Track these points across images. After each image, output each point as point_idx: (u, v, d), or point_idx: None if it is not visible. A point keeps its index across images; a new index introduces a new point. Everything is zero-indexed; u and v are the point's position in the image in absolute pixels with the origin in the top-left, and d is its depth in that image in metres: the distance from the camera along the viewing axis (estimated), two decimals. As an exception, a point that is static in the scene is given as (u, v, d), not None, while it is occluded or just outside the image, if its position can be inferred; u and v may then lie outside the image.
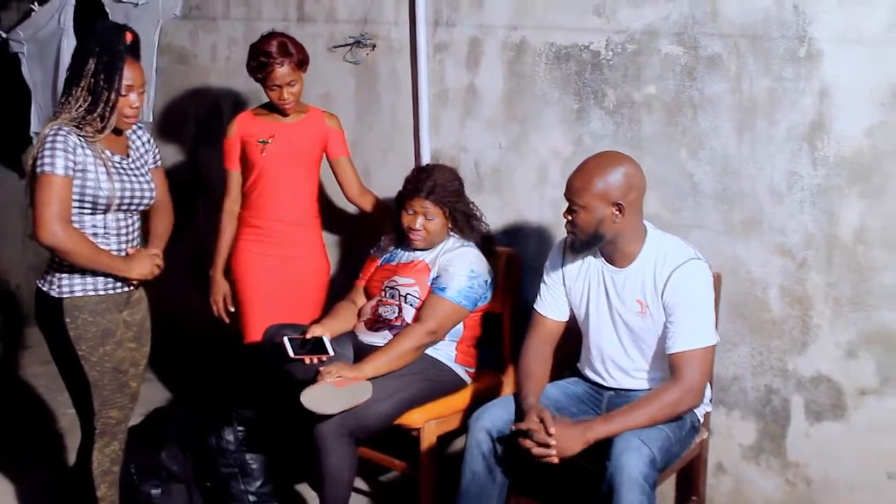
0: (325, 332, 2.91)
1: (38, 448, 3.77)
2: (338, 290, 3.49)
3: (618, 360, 2.61)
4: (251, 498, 3.04)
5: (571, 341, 2.74)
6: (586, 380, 2.72)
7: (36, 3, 4.91)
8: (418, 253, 3.06)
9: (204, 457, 3.08)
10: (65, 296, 2.50)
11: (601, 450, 2.32)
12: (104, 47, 2.46)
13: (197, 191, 4.58)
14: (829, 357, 2.64)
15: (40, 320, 2.59)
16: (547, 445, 2.31)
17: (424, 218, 2.99)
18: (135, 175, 2.57)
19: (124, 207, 2.54)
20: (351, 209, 3.71)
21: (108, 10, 4.49)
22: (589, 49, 3.02)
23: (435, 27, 3.45)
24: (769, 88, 2.66)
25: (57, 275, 2.52)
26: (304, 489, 3.31)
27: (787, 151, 2.65)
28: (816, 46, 2.57)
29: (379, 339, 2.99)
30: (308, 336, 2.88)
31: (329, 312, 3.16)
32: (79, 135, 2.44)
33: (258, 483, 3.06)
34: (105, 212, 2.50)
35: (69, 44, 4.63)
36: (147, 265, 2.60)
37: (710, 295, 2.49)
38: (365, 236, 3.57)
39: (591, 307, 2.62)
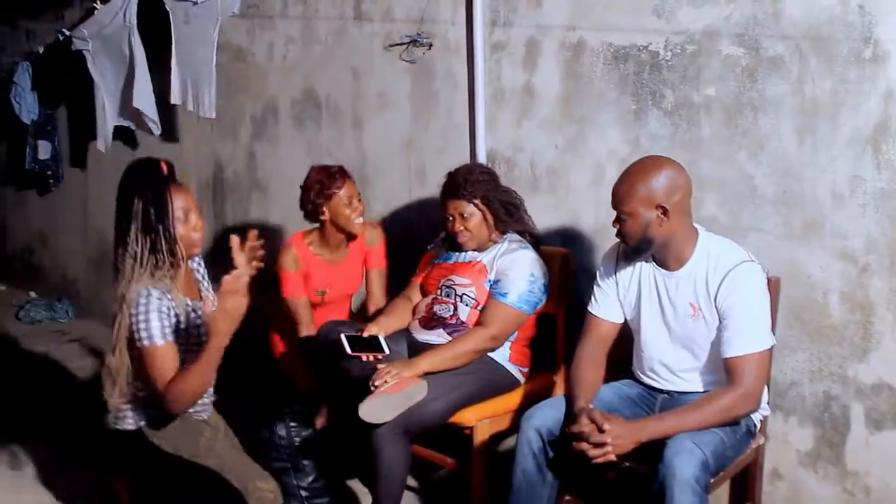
0: (380, 330, 2.93)
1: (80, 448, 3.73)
2: (388, 287, 3.51)
3: (670, 364, 2.60)
4: (303, 493, 3.06)
5: (626, 344, 2.73)
6: (640, 383, 2.71)
7: (98, 2, 5.01)
8: (476, 253, 3.06)
9: (256, 451, 3.11)
10: (142, 425, 2.46)
11: (651, 451, 2.32)
12: (143, 183, 2.35)
13: (252, 187, 4.64)
14: (891, 364, 2.59)
15: (123, 462, 2.50)
16: (602, 445, 2.31)
17: (461, 217, 3.00)
18: (202, 319, 2.47)
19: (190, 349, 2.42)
20: (402, 209, 3.73)
21: (168, 9, 4.54)
22: (647, 49, 3.00)
23: (492, 27, 3.45)
24: (832, 90, 2.62)
25: (126, 412, 2.45)
26: (357, 485, 3.33)
27: (849, 154, 2.60)
28: (882, 48, 2.52)
29: (433, 336, 3.00)
30: (364, 334, 2.90)
31: (384, 309, 3.18)
32: (163, 292, 2.32)
33: (310, 478, 3.07)
34: None
35: (137, 41, 4.72)
36: (235, 297, 2.22)
37: (765, 297, 2.46)
38: (415, 236, 3.59)
39: (643, 311, 2.61)
